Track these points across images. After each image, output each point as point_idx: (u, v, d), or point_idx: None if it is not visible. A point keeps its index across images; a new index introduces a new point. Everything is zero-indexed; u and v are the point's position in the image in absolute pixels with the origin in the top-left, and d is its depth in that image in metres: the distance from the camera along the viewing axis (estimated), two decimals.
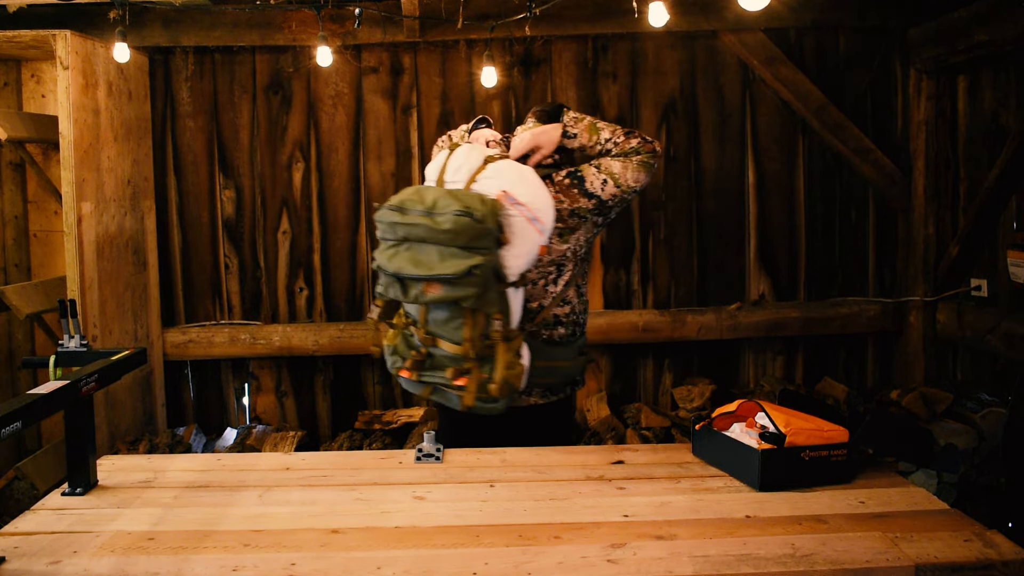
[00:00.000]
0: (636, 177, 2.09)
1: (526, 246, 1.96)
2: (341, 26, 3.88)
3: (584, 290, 2.27)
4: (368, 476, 1.92)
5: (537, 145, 2.14)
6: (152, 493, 1.84)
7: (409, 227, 1.90)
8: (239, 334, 4.09)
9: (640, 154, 2.10)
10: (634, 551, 1.51)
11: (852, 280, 4.23)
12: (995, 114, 3.68)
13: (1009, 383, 3.58)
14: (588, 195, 2.10)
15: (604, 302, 4.20)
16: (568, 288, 2.19)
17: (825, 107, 4.01)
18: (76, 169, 3.31)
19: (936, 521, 1.63)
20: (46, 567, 1.48)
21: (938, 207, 4.04)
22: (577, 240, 2.16)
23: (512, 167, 2.01)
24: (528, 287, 2.12)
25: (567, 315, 2.20)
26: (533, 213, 1.95)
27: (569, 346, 2.21)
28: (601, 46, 4.11)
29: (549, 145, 2.15)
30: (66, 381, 1.72)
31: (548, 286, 2.16)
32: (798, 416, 1.87)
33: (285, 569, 1.46)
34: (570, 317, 2.20)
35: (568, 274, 2.18)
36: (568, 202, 2.11)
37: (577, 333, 2.24)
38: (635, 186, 2.11)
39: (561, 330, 2.19)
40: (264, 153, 4.12)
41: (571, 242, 2.15)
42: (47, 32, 3.31)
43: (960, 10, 3.52)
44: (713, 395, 4.04)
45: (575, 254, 2.18)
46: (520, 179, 1.99)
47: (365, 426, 4.04)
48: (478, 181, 1.97)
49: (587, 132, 2.14)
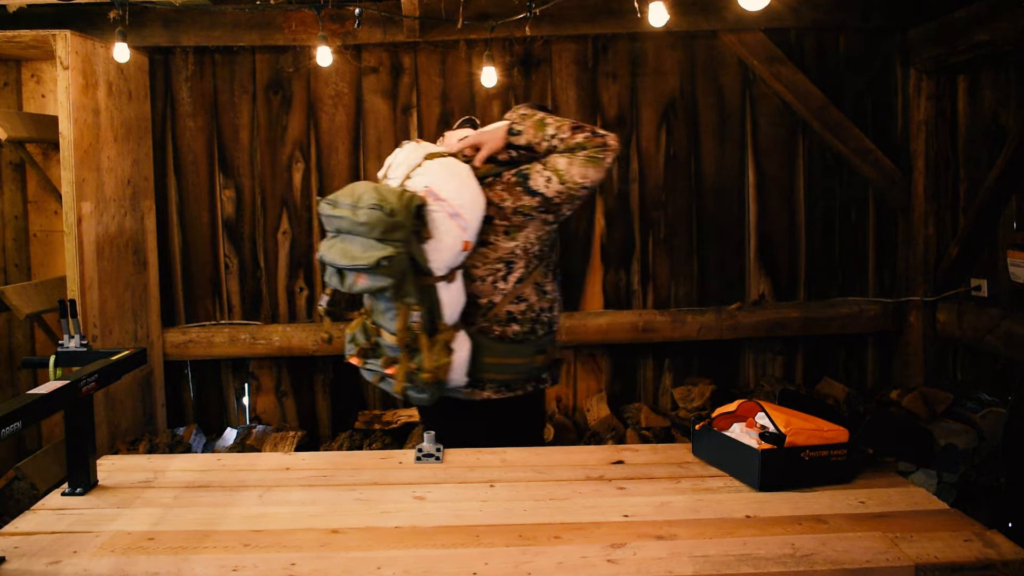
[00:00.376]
0: (583, 173, 2.05)
1: (447, 240, 2.02)
2: (341, 26, 3.88)
3: (549, 289, 2.25)
4: (368, 476, 1.92)
5: (479, 143, 2.18)
6: (152, 493, 1.84)
7: (339, 220, 2.03)
8: (239, 334, 4.09)
9: (586, 149, 2.05)
10: (634, 551, 1.51)
11: (852, 280, 4.23)
12: (995, 114, 3.68)
13: (1009, 383, 3.58)
14: (532, 193, 2.09)
15: (604, 302, 4.20)
16: (523, 285, 2.18)
17: (825, 107, 4.01)
18: (76, 169, 3.31)
19: (936, 521, 1.62)
20: (46, 567, 1.48)
21: (938, 207, 4.04)
22: (527, 238, 2.15)
23: (442, 164, 2.06)
24: (477, 283, 2.16)
25: (522, 312, 2.19)
26: (455, 209, 2.01)
27: (525, 344, 2.20)
28: (601, 46, 4.11)
29: (493, 142, 2.16)
30: (66, 381, 1.72)
31: (497, 283, 2.17)
32: (798, 416, 1.87)
33: (285, 569, 1.46)
34: (527, 315, 2.20)
35: (519, 272, 2.18)
36: (512, 200, 2.11)
37: (539, 331, 2.23)
38: (583, 182, 2.06)
39: (516, 327, 2.19)
40: (264, 153, 4.12)
41: (519, 240, 2.15)
42: (47, 32, 3.31)
43: (960, 10, 3.52)
44: (713, 395, 4.04)
45: (526, 252, 2.17)
46: (447, 176, 2.04)
47: (365, 426, 4.04)
48: (412, 178, 2.05)
49: (533, 129, 2.11)
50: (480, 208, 2.07)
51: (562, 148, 2.07)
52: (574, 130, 2.07)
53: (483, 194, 2.08)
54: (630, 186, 4.17)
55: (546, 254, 2.23)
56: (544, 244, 2.20)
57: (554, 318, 2.29)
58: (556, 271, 2.31)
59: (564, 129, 2.08)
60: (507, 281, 2.17)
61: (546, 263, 2.24)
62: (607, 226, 4.18)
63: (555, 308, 2.29)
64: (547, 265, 2.24)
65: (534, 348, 2.22)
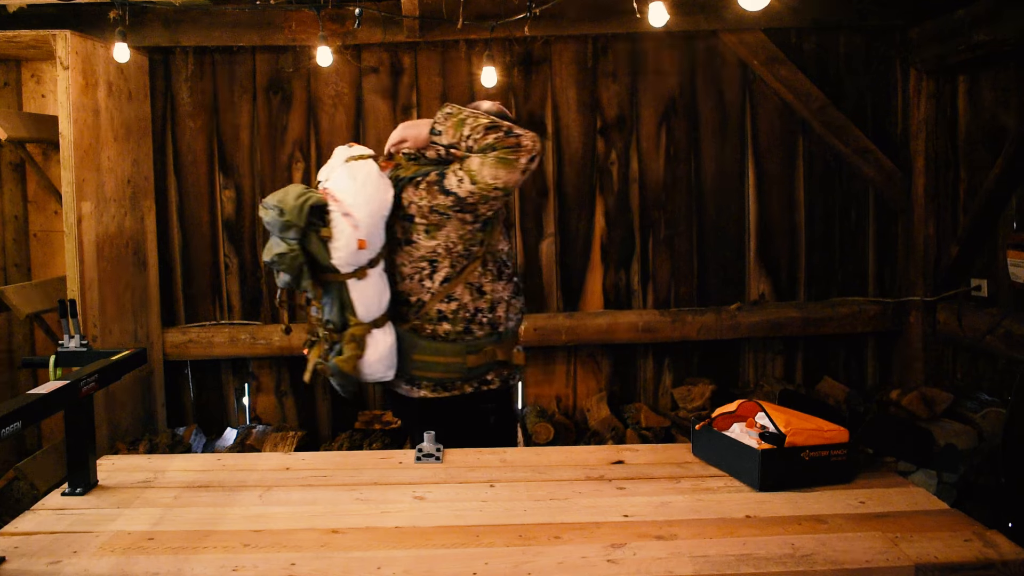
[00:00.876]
0: (494, 174, 2.03)
1: (343, 239, 2.10)
2: (341, 26, 3.88)
3: (489, 290, 2.23)
4: (368, 476, 1.92)
5: (403, 138, 2.27)
6: (152, 493, 1.84)
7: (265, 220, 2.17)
8: (239, 334, 4.09)
9: (497, 150, 2.03)
10: (634, 551, 1.51)
11: (852, 280, 4.23)
12: (995, 114, 3.68)
13: (1009, 383, 3.58)
14: (445, 192, 2.11)
15: (604, 302, 4.20)
16: (452, 285, 2.20)
17: (825, 107, 4.01)
18: (76, 169, 3.31)
19: (936, 521, 1.62)
20: (46, 567, 1.48)
21: (938, 207, 4.03)
22: (447, 237, 2.16)
23: (348, 167, 2.15)
24: (406, 281, 2.22)
25: (454, 312, 2.20)
26: (346, 208, 2.09)
27: (455, 343, 2.21)
28: (601, 46, 4.11)
29: (415, 140, 2.24)
30: (66, 381, 1.72)
31: (424, 281, 2.21)
32: (798, 416, 1.87)
33: (285, 569, 1.46)
34: (459, 315, 2.20)
35: (444, 271, 2.19)
36: (428, 199, 2.14)
37: (475, 332, 2.22)
38: (494, 183, 2.05)
39: (447, 326, 2.21)
40: (264, 153, 4.12)
41: (440, 239, 2.16)
42: (47, 32, 3.31)
43: (960, 10, 3.52)
44: (713, 395, 4.04)
45: (449, 251, 2.18)
46: (346, 178, 2.13)
47: (365, 426, 4.04)
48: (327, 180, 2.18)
49: (453, 129, 2.12)
50: (379, 208, 2.13)
51: (476, 149, 2.07)
52: (488, 130, 2.06)
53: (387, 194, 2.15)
54: (630, 186, 4.17)
55: (476, 254, 2.21)
56: (469, 244, 2.19)
57: (497, 319, 2.26)
58: (506, 273, 2.29)
59: (479, 129, 2.07)
60: (433, 280, 2.20)
61: (484, 263, 2.23)
62: (607, 226, 4.18)
63: (499, 309, 2.26)
64: (486, 265, 2.23)
65: (465, 347, 2.21)
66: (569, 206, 4.16)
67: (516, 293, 2.33)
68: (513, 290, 2.31)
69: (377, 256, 2.17)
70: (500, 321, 2.27)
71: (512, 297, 2.30)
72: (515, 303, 2.32)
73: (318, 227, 2.11)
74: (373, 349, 2.18)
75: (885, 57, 4.11)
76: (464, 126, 2.10)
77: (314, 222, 2.11)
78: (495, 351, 2.25)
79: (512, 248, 2.45)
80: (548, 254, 4.15)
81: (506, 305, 2.28)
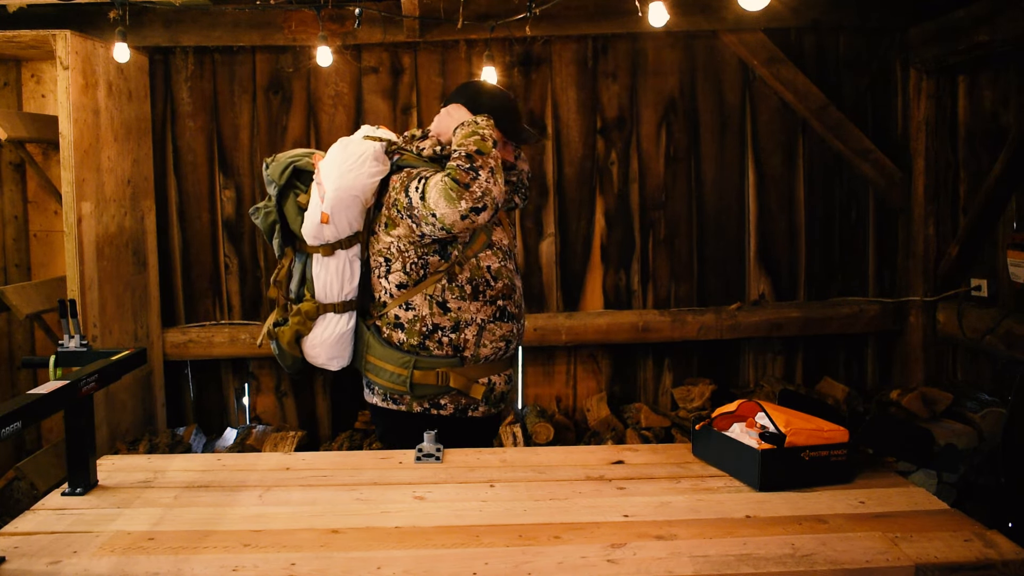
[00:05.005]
0: (435, 200, 1.95)
1: (312, 209, 2.12)
2: (341, 26, 3.88)
3: (455, 308, 2.11)
4: (368, 476, 1.92)
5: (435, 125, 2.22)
6: (152, 493, 1.84)
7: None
8: (239, 334, 4.09)
9: (447, 179, 1.96)
10: (634, 551, 1.51)
11: (852, 280, 4.23)
12: (995, 114, 3.68)
13: (1009, 383, 3.58)
14: (406, 192, 2.05)
15: (604, 302, 4.20)
16: (409, 292, 2.12)
17: (825, 107, 4.01)
18: (76, 169, 3.31)
19: (936, 521, 1.62)
20: (46, 567, 1.48)
21: (938, 207, 4.04)
22: (399, 237, 2.10)
23: (345, 141, 2.16)
24: (371, 274, 2.19)
25: (410, 321, 2.12)
26: (319, 178, 2.11)
27: (406, 354, 2.12)
28: (601, 46, 4.11)
29: (438, 130, 2.20)
30: (66, 381, 1.72)
31: (380, 279, 2.17)
32: (798, 416, 1.87)
33: (285, 569, 1.46)
34: (414, 325, 2.11)
35: (398, 274, 2.12)
36: (396, 193, 2.10)
37: (431, 349, 2.12)
38: (434, 209, 1.95)
39: (401, 334, 2.13)
40: (264, 153, 4.11)
41: (393, 237, 2.11)
42: (47, 32, 3.31)
43: (960, 10, 3.52)
44: (713, 395, 4.04)
45: (402, 253, 2.11)
46: (335, 148, 2.14)
47: (365, 426, 4.04)
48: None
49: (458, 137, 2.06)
50: (350, 186, 2.08)
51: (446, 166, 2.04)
52: (462, 156, 1.99)
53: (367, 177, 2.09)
54: (630, 186, 4.17)
55: (436, 266, 2.11)
56: (421, 255, 2.10)
57: (462, 342, 2.11)
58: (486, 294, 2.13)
59: (460, 149, 2.01)
60: (388, 280, 2.15)
61: (451, 278, 2.11)
62: (607, 226, 4.18)
63: (467, 332, 2.11)
64: (454, 280, 2.11)
65: (412, 361, 2.11)
66: (569, 206, 4.16)
67: (499, 318, 2.14)
68: (494, 314, 2.14)
69: (348, 239, 2.14)
70: (465, 345, 2.12)
71: (491, 321, 2.13)
72: (494, 329, 2.14)
73: (299, 191, 2.14)
74: (319, 332, 2.16)
75: (885, 57, 4.11)
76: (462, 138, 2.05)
77: (297, 185, 2.13)
78: (449, 375, 2.12)
79: (509, 270, 2.20)
80: (548, 254, 4.15)
81: (477, 329, 2.12)
